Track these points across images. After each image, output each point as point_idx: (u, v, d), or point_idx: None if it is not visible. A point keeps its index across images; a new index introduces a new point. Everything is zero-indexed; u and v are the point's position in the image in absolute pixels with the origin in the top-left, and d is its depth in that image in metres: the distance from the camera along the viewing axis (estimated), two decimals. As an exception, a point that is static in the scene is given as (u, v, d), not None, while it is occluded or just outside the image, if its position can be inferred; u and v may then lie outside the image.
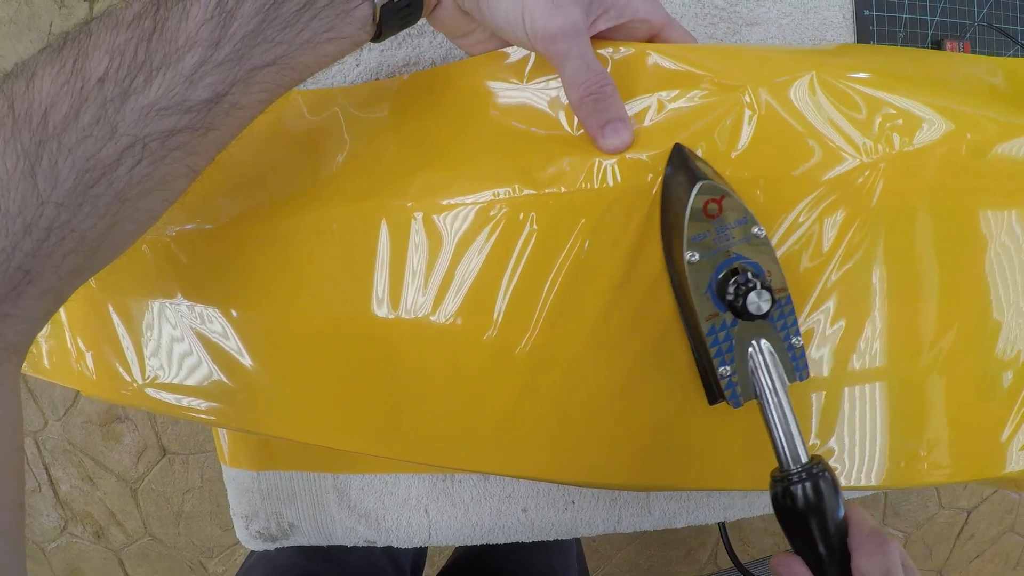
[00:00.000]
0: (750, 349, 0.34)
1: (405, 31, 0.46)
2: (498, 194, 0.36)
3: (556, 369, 0.37)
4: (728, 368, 0.34)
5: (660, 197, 0.36)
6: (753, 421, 0.35)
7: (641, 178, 0.36)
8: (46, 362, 0.46)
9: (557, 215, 0.36)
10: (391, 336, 0.38)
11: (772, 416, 0.33)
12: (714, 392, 0.37)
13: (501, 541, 0.56)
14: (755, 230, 0.34)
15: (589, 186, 0.36)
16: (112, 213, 0.30)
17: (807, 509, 0.32)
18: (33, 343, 0.32)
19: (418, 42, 0.48)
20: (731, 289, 0.33)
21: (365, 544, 0.56)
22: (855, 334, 0.38)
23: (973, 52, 0.57)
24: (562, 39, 0.34)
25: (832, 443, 0.39)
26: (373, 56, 0.47)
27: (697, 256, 0.33)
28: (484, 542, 0.56)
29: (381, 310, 0.38)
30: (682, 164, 0.35)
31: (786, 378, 0.34)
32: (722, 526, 0.65)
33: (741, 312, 0.33)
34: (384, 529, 0.55)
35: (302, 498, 0.55)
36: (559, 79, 0.38)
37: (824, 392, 0.38)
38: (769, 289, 0.32)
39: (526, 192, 0.36)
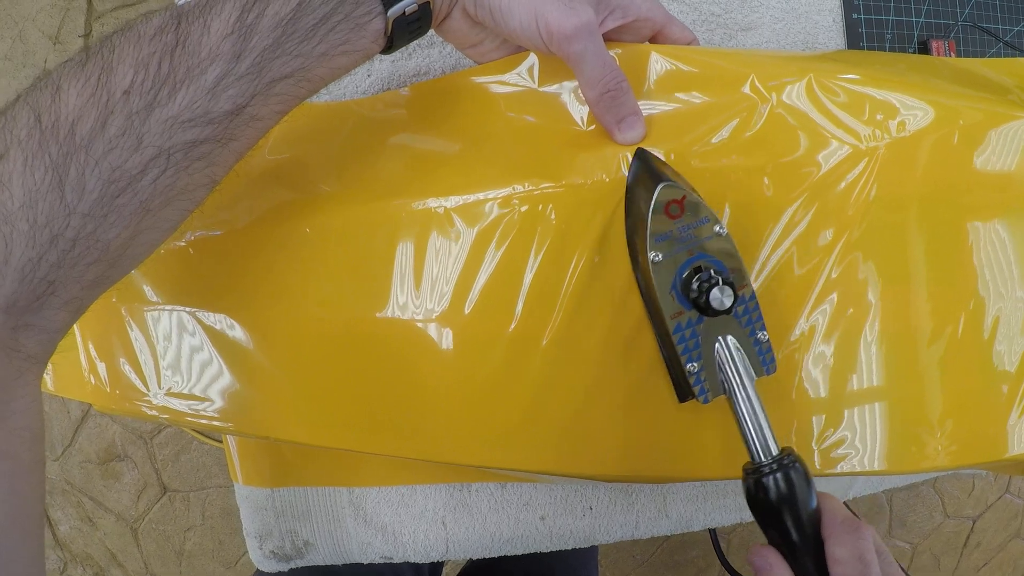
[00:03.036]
0: (716, 345, 0.35)
1: (415, 42, 0.47)
2: (516, 189, 0.37)
3: (576, 360, 0.38)
4: (695, 365, 0.35)
5: (624, 201, 0.36)
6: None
7: None
8: (52, 378, 0.46)
9: (576, 206, 0.37)
10: (410, 335, 0.38)
11: (741, 410, 0.34)
12: (683, 389, 0.37)
13: (520, 551, 0.55)
14: (717, 228, 0.34)
15: (606, 177, 0.37)
16: (135, 223, 0.30)
17: (779, 500, 0.32)
18: None
19: (428, 52, 0.49)
20: (694, 286, 0.34)
21: (381, 560, 0.56)
22: (860, 322, 0.39)
23: (958, 51, 0.59)
24: (578, 39, 0.35)
25: (843, 430, 0.39)
26: (384, 67, 0.48)
27: (660, 256, 0.34)
28: (503, 553, 0.55)
29: (400, 309, 0.38)
30: (644, 167, 0.36)
31: (753, 372, 0.35)
32: (713, 533, 0.64)
33: (705, 309, 0.33)
34: (401, 543, 0.54)
35: (317, 514, 0.55)
36: (569, 80, 0.39)
37: (832, 380, 0.39)
38: (731, 285, 0.33)
39: (544, 185, 0.37)
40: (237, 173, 0.35)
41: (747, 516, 0.56)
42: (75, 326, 0.44)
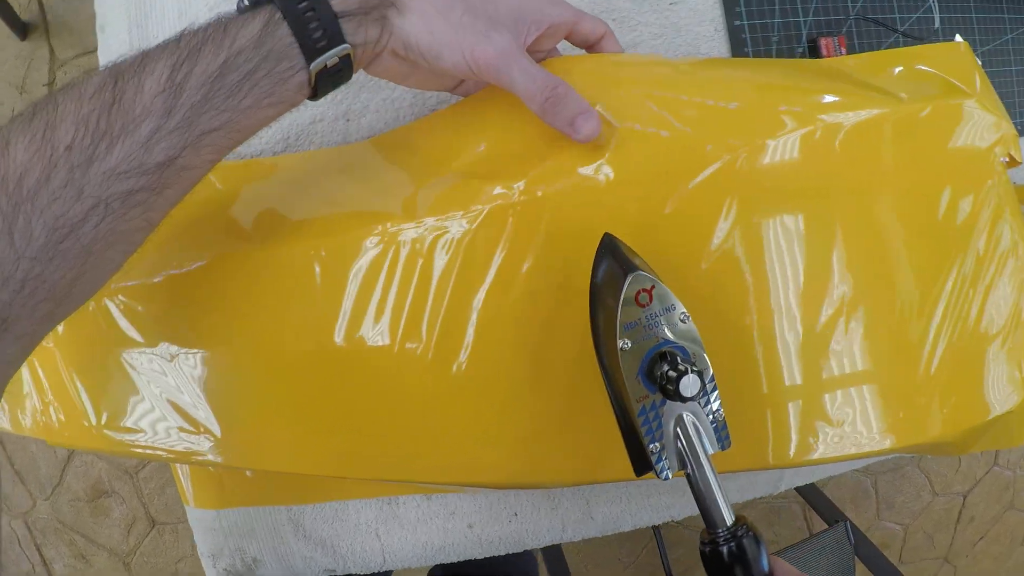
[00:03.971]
0: (675, 425, 0.36)
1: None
2: (455, 214, 0.40)
3: (500, 379, 0.41)
4: (657, 445, 0.36)
5: (589, 287, 0.38)
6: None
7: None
8: (8, 418, 0.49)
9: (497, 222, 0.40)
10: (375, 361, 0.41)
11: (699, 486, 0.35)
12: (641, 466, 0.38)
13: (453, 559, 0.57)
14: (680, 315, 0.35)
15: (512, 197, 0.40)
16: (79, 265, 0.33)
17: (732, 563, 0.34)
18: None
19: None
20: (660, 373, 0.35)
21: (326, 574, 0.58)
22: (838, 310, 0.42)
23: (849, 46, 0.60)
24: (503, 64, 0.38)
25: (834, 413, 0.42)
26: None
27: (629, 343, 0.35)
28: (437, 561, 0.57)
29: (340, 338, 0.41)
30: (612, 254, 0.37)
31: (709, 448, 0.36)
32: (657, 532, 0.66)
33: (673, 395, 0.34)
34: (340, 556, 0.57)
35: (261, 532, 0.57)
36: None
37: (814, 370, 0.42)
38: (699, 373, 0.34)
39: (474, 208, 0.40)
40: (192, 217, 0.38)
41: (675, 514, 0.58)
42: (24, 365, 0.46)
